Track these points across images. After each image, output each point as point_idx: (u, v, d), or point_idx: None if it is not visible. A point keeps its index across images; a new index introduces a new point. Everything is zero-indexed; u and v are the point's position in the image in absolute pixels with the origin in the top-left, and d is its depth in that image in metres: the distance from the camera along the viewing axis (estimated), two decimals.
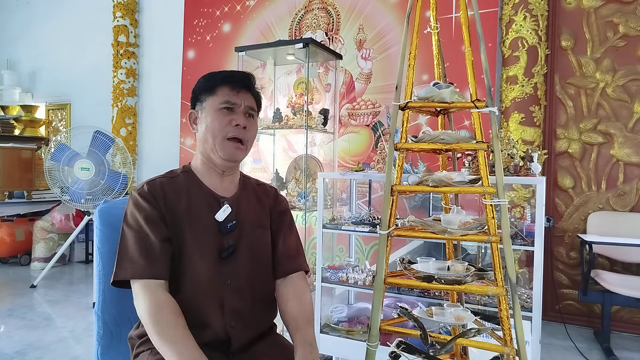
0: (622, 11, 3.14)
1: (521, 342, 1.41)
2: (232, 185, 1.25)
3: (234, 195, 1.24)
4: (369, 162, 3.69)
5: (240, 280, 1.17)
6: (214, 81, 1.20)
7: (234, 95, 1.18)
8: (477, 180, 1.50)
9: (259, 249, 1.23)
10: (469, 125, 3.26)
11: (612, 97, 3.19)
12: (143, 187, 1.15)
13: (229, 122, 1.16)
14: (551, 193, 3.37)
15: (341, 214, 2.66)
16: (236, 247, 1.18)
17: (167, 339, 0.99)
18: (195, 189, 1.20)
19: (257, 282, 1.20)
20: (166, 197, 1.14)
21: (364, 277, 2.31)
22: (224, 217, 1.18)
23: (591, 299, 2.84)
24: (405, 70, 1.60)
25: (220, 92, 1.18)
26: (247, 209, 1.24)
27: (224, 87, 1.18)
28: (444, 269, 1.55)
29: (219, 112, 1.17)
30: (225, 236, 1.17)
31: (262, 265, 1.23)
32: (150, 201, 1.12)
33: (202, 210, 1.17)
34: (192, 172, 1.23)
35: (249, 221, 1.22)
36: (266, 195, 1.32)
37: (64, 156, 3.92)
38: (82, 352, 2.72)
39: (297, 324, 1.15)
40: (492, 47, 3.30)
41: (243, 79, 1.21)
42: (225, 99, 1.17)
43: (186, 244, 1.12)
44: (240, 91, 1.19)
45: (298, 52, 3.08)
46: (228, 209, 1.19)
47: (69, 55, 5.73)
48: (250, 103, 1.21)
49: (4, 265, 4.94)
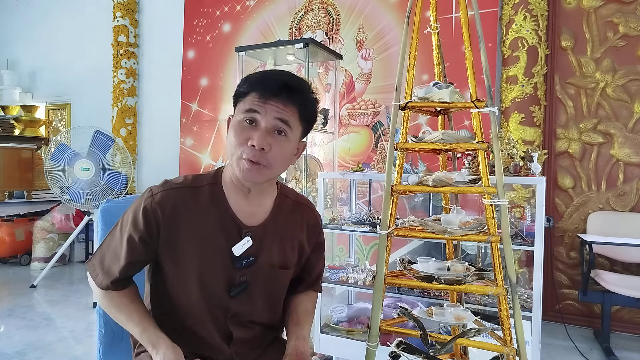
0: (622, 11, 3.14)
1: (521, 342, 1.42)
2: (261, 210, 1.08)
3: (261, 224, 1.06)
4: (369, 162, 3.69)
5: (246, 316, 1.08)
6: (247, 83, 0.99)
7: (259, 104, 0.96)
8: (477, 180, 1.50)
9: (274, 289, 1.12)
10: (469, 125, 3.26)
11: (612, 97, 3.19)
12: (155, 196, 1.01)
13: (245, 140, 0.96)
14: (551, 193, 3.37)
15: (341, 214, 2.66)
16: (248, 285, 1.05)
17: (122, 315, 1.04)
18: (217, 209, 1.03)
19: (267, 316, 1.13)
20: (175, 215, 1.00)
21: (364, 277, 2.31)
22: (241, 251, 1.02)
23: (591, 299, 2.84)
24: (405, 70, 1.61)
25: (248, 99, 0.98)
26: (271, 245, 1.07)
27: (252, 93, 0.98)
28: (444, 269, 1.55)
29: (238, 125, 0.98)
30: (237, 271, 1.03)
31: (275, 301, 1.15)
32: (148, 219, 0.99)
33: (219, 237, 1.02)
34: (220, 185, 1.06)
35: (269, 259, 1.07)
36: (300, 224, 1.14)
37: (64, 156, 3.92)
38: (82, 352, 2.72)
39: (298, 318, 1.14)
40: (492, 47, 3.30)
41: (277, 82, 0.97)
42: (248, 108, 0.97)
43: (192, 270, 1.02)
44: (270, 100, 0.96)
45: (298, 52, 3.08)
46: (248, 242, 1.03)
47: (69, 55, 5.73)
48: (281, 114, 0.97)
49: (4, 265, 4.93)
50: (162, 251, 1.02)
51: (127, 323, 1.03)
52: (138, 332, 1.01)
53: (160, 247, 1.02)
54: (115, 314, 1.05)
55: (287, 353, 1.05)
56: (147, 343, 0.99)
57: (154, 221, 1.00)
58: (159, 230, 1.00)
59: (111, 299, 1.06)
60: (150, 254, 1.04)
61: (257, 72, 1.02)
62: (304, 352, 1.06)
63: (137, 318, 1.03)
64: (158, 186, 1.04)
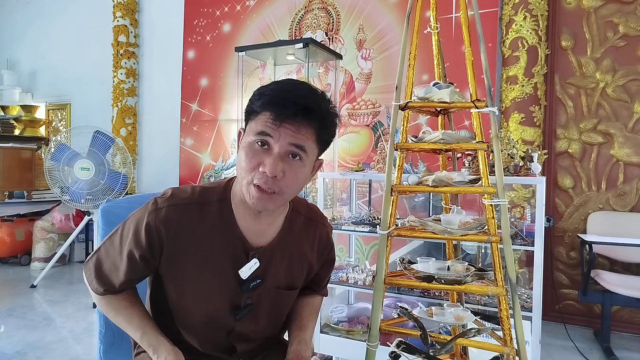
0: (622, 11, 3.14)
1: (521, 342, 1.42)
2: (271, 228, 1.02)
3: (269, 244, 1.01)
4: (369, 162, 3.69)
5: (252, 333, 1.07)
6: (260, 101, 0.90)
7: (273, 127, 0.87)
8: (477, 180, 1.50)
9: (279, 308, 1.09)
10: (469, 125, 3.26)
11: (612, 97, 3.19)
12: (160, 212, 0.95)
13: (257, 165, 0.89)
14: (551, 193, 3.37)
15: (341, 214, 2.66)
16: (254, 307, 1.02)
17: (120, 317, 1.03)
18: (224, 228, 0.97)
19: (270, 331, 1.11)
20: (180, 234, 0.95)
21: (364, 277, 2.31)
22: (248, 274, 0.98)
23: (591, 299, 2.84)
24: (405, 70, 1.61)
25: (260, 120, 0.89)
26: (280, 265, 1.03)
27: (265, 113, 0.88)
28: (444, 269, 1.55)
29: (249, 147, 0.90)
30: (243, 294, 1.00)
31: (277, 320, 1.12)
32: (151, 237, 0.94)
33: (225, 258, 0.97)
34: (228, 201, 0.99)
35: (276, 281, 1.03)
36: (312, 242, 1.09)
37: (64, 156, 3.92)
38: (82, 352, 2.72)
39: (301, 322, 1.14)
40: (492, 47, 3.30)
41: (290, 107, 0.87)
42: (260, 130, 0.88)
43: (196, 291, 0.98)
44: (285, 122, 0.87)
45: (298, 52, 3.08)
46: (256, 265, 0.98)
47: (69, 55, 5.73)
48: (296, 140, 0.88)
49: (4, 265, 4.93)
50: (164, 269, 0.99)
51: (127, 327, 1.02)
52: (139, 336, 1.00)
53: (162, 265, 0.98)
54: (114, 317, 1.04)
55: (289, 357, 1.05)
56: (147, 347, 0.99)
57: (157, 240, 0.95)
58: (161, 249, 0.96)
59: (109, 302, 1.04)
60: (151, 269, 1.02)
61: (271, 86, 0.92)
62: (305, 357, 1.05)
63: (137, 321, 1.01)
64: (164, 199, 0.97)
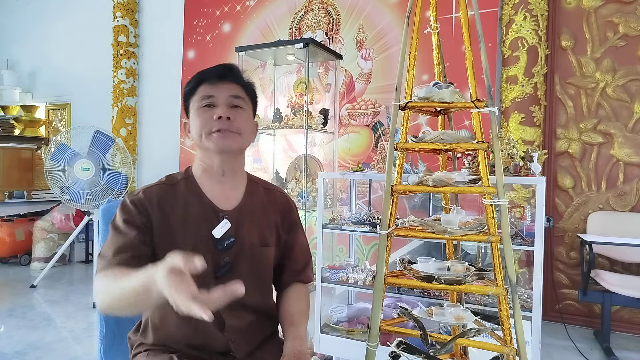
0: (622, 11, 3.14)
1: (521, 342, 1.42)
2: (236, 194, 1.16)
3: (237, 207, 1.15)
4: (369, 162, 3.68)
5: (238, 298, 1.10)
6: (193, 82, 1.14)
7: (211, 88, 1.11)
8: (477, 180, 1.50)
9: (258, 267, 1.16)
10: (469, 125, 3.26)
11: (612, 97, 3.19)
12: (138, 194, 1.09)
13: (211, 117, 1.09)
14: (551, 193, 3.37)
15: (341, 214, 2.66)
16: (233, 265, 1.10)
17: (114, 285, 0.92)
18: (194, 199, 1.12)
19: (257, 299, 1.15)
20: (160, 207, 1.08)
21: (364, 277, 2.31)
22: (221, 234, 1.09)
23: (591, 299, 2.84)
24: (405, 70, 1.60)
25: (200, 90, 1.12)
26: (249, 225, 1.15)
27: (202, 85, 1.12)
28: (444, 269, 1.55)
29: (200, 111, 1.11)
30: (221, 253, 1.09)
31: (262, 283, 1.18)
32: (139, 207, 1.06)
33: (199, 223, 1.10)
34: (192, 178, 1.15)
35: (249, 239, 1.14)
36: (273, 206, 1.22)
37: (64, 156, 3.92)
38: (82, 352, 2.72)
39: (293, 319, 1.15)
40: (492, 47, 3.30)
41: (220, 70, 1.13)
42: (202, 95, 1.11)
43: None
44: (218, 83, 1.11)
45: (298, 52, 3.08)
46: (227, 225, 1.11)
47: (69, 55, 5.73)
48: (233, 92, 1.12)
49: (4, 265, 4.93)
50: (157, 241, 1.06)
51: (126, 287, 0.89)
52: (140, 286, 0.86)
53: (155, 237, 1.06)
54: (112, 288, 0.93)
55: (285, 353, 1.06)
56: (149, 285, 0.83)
57: (143, 209, 1.06)
58: (150, 219, 1.06)
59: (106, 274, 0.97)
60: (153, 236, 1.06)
61: (199, 72, 1.14)
62: (302, 352, 1.06)
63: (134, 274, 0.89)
64: (137, 190, 1.12)
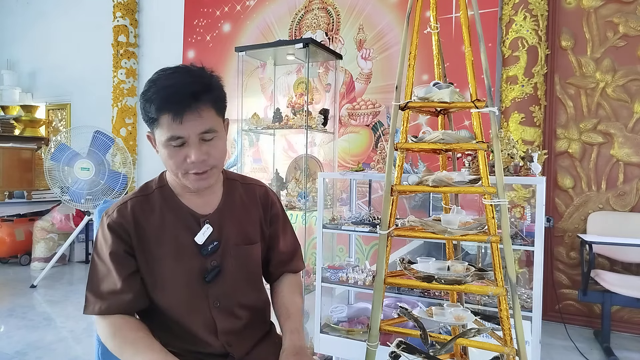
0: (622, 11, 3.14)
1: (521, 342, 1.41)
2: (214, 197, 1.13)
3: (216, 210, 1.12)
4: (369, 162, 3.69)
5: (230, 300, 1.10)
6: (152, 107, 0.98)
7: (177, 127, 0.97)
8: (477, 180, 1.50)
9: (246, 266, 1.14)
10: (469, 125, 3.26)
11: (612, 97, 3.19)
12: (112, 214, 1.06)
13: (184, 159, 1.00)
14: (551, 193, 3.37)
15: (341, 214, 2.66)
16: (221, 268, 1.09)
17: (129, 356, 0.96)
18: (172, 207, 1.09)
19: (249, 299, 1.15)
20: (137, 223, 1.05)
21: (364, 277, 2.31)
22: (204, 239, 1.07)
23: (591, 299, 2.84)
24: (405, 70, 1.60)
25: (164, 124, 0.98)
26: (231, 226, 1.12)
27: (163, 117, 0.98)
28: (444, 269, 1.55)
29: (168, 149, 1.00)
30: (207, 258, 1.08)
31: (253, 280, 1.17)
32: (118, 233, 1.04)
33: (180, 232, 1.07)
34: (168, 186, 1.11)
35: (233, 239, 1.12)
36: (254, 201, 1.19)
37: (64, 156, 3.92)
38: (82, 352, 2.72)
39: (288, 312, 1.15)
40: (492, 47, 3.30)
41: (182, 101, 0.96)
42: (169, 135, 0.98)
43: (165, 270, 1.05)
44: (184, 118, 0.96)
45: (298, 52, 3.08)
46: (209, 229, 1.08)
47: (69, 55, 5.73)
48: (202, 126, 0.99)
49: (4, 265, 4.93)
50: (139, 257, 1.06)
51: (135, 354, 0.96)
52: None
53: (137, 253, 1.05)
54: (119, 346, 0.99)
55: (285, 348, 1.06)
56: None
57: (122, 232, 1.04)
58: (130, 238, 1.05)
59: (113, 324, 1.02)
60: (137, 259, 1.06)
61: (153, 88, 0.98)
62: (301, 347, 1.06)
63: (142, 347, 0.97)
64: (110, 209, 1.09)
